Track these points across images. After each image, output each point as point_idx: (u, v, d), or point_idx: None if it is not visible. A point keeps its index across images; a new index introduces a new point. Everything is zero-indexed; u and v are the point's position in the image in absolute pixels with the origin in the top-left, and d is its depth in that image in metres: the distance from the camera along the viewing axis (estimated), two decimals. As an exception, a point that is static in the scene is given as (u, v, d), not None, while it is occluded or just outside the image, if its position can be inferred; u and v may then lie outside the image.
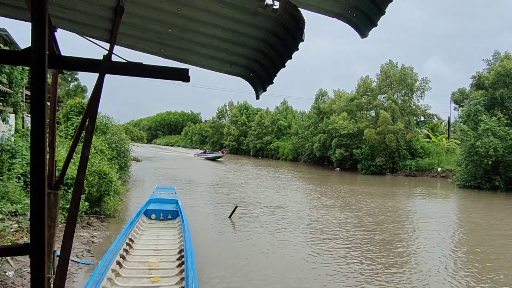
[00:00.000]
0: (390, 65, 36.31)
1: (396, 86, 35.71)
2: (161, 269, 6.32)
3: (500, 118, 23.70)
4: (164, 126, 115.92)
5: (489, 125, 23.13)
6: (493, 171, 23.94)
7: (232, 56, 3.10)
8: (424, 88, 35.72)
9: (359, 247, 9.94)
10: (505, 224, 13.85)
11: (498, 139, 22.79)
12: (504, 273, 8.22)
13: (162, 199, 11.05)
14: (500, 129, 23.19)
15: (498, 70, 24.86)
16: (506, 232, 12.54)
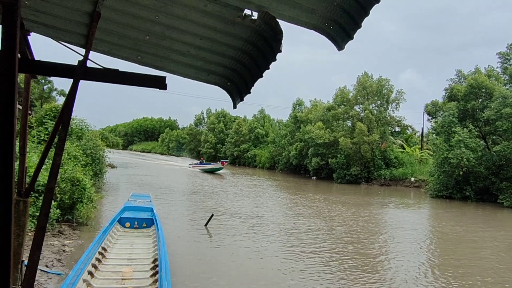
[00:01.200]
0: (365, 76, 37.01)
1: (372, 97, 36.38)
2: (135, 279, 6.18)
3: (472, 130, 24.43)
4: (141, 132, 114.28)
5: (461, 136, 23.81)
6: (464, 181, 24.61)
7: (210, 65, 3.10)
8: (399, 100, 36.53)
9: (332, 256, 10.01)
10: (475, 233, 14.21)
11: (469, 151, 23.47)
12: (470, 279, 8.42)
13: (137, 207, 10.85)
14: (472, 140, 23.91)
15: (470, 83, 25.67)
16: (475, 240, 12.87)
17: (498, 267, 9.80)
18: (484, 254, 11.20)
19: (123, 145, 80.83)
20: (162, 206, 15.53)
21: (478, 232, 14.39)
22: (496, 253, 11.48)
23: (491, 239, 13.32)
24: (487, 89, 25.07)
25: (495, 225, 16.52)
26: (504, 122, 22.82)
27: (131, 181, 26.55)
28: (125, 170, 35.12)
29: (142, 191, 18.42)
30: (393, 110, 37.48)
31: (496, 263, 10.30)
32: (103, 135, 31.13)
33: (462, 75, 28.25)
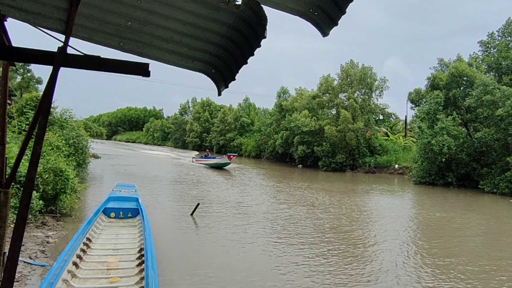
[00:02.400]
0: (351, 64, 37.16)
1: (356, 85, 36.58)
2: (120, 269, 6.14)
3: (455, 118, 24.82)
4: (125, 122, 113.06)
5: (445, 124, 24.18)
6: (446, 168, 25.08)
7: (194, 52, 3.04)
8: (383, 87, 36.84)
9: (318, 244, 10.12)
10: (457, 218, 14.52)
11: (451, 138, 23.88)
12: (452, 261, 8.62)
13: (122, 197, 10.75)
14: (454, 128, 24.30)
15: (452, 72, 25.98)
16: (457, 225, 13.16)
17: (478, 249, 10.07)
18: (465, 238, 11.47)
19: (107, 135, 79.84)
20: (148, 196, 15.44)
21: (460, 217, 14.70)
22: (477, 236, 11.78)
23: (472, 224, 13.64)
24: (468, 77, 25.42)
25: (476, 210, 16.90)
26: (484, 109, 23.22)
27: (115, 171, 26.30)
28: (109, 160, 34.74)
29: (127, 181, 18.28)
30: (377, 98, 37.86)
31: (476, 245, 10.60)
32: (87, 125, 30.66)
33: (444, 63, 28.60)
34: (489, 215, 15.82)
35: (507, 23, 25.87)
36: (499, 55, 25.57)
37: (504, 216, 15.72)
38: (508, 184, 21.13)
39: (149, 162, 37.23)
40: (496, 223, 14.08)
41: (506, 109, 21.35)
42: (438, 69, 28.91)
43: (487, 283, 7.55)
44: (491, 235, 12.04)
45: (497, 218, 15.03)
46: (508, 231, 12.87)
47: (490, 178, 22.76)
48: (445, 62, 28.59)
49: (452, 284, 7.39)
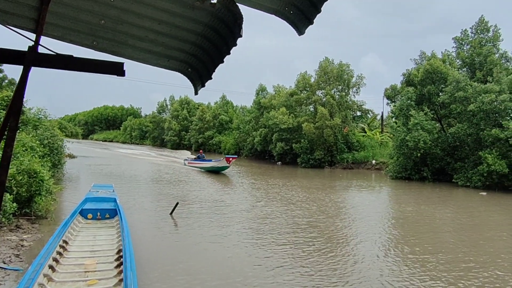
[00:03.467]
0: (326, 61, 37.49)
1: (333, 82, 36.94)
2: (98, 271, 6.05)
3: (427, 113, 25.36)
4: (102, 121, 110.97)
5: (418, 119, 24.70)
6: (422, 163, 25.66)
7: (170, 51, 3.01)
8: (360, 84, 37.33)
9: (296, 240, 10.20)
10: (432, 211, 14.87)
11: (426, 133, 24.43)
12: (427, 252, 8.84)
13: (99, 198, 10.59)
14: (428, 123, 24.86)
15: (426, 68, 26.54)
16: (432, 219, 13.48)
17: (451, 241, 10.34)
18: (440, 231, 11.76)
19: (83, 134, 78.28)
20: (126, 196, 15.25)
21: (435, 211, 15.06)
22: (450, 229, 12.10)
23: (446, 217, 14.01)
24: (442, 74, 26.00)
25: (450, 203, 17.34)
26: (457, 105, 23.83)
27: (92, 171, 25.85)
28: (86, 160, 34.11)
29: (104, 182, 17.99)
30: (354, 95, 38.30)
31: (450, 237, 10.89)
32: (61, 124, 29.98)
33: (424, 57, 29.12)
34: (462, 208, 16.26)
35: (480, 20, 26.52)
36: (472, 52, 26.24)
37: (476, 209, 16.18)
38: (480, 178, 21.75)
39: (127, 161, 36.72)
40: (469, 216, 14.48)
41: (477, 104, 21.96)
42: (418, 62, 29.46)
43: (461, 273, 7.77)
44: (464, 228, 12.38)
45: (470, 211, 15.46)
46: (480, 223, 13.26)
47: (464, 172, 23.39)
48: (427, 55, 29.11)
49: (428, 273, 7.58)
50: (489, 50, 25.43)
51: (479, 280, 7.47)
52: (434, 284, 7.19)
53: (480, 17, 26.57)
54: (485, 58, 25.46)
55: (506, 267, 8.30)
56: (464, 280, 7.43)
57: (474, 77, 25.14)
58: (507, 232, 11.75)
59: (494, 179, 21.22)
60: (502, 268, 8.21)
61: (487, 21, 26.45)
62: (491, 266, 8.32)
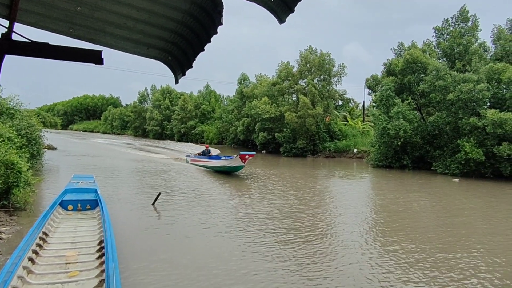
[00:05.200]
0: (310, 50, 37.52)
1: (315, 71, 37.03)
2: (80, 263, 5.99)
3: (410, 102, 25.73)
4: (82, 111, 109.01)
5: (401, 108, 25.04)
6: (402, 151, 26.10)
7: (149, 38, 2.96)
8: (341, 74, 37.50)
9: (279, 228, 10.29)
10: (412, 198, 15.18)
11: (407, 122, 24.80)
12: (407, 237, 9.04)
13: (79, 189, 10.44)
14: (410, 112, 25.23)
15: (407, 58, 26.83)
16: (411, 205, 13.77)
17: (430, 225, 10.59)
18: (419, 217, 12.02)
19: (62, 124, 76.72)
20: (107, 187, 15.08)
21: (414, 197, 15.38)
22: (429, 214, 12.38)
23: (426, 203, 14.32)
24: (422, 64, 26.34)
25: (429, 190, 17.71)
26: (437, 94, 24.22)
27: (72, 162, 25.41)
28: (65, 151, 33.50)
29: (84, 172, 17.74)
30: (336, 84, 38.50)
31: (429, 222, 11.16)
32: (39, 114, 29.29)
33: (403, 48, 29.47)
34: (440, 195, 16.62)
35: (461, 10, 26.84)
36: (452, 42, 26.61)
37: (452, 196, 16.57)
38: (458, 165, 22.26)
39: (108, 152, 36.23)
40: (446, 202, 14.83)
41: (456, 93, 22.35)
42: (397, 52, 29.77)
43: (438, 254, 7.98)
44: (442, 213, 12.68)
45: (447, 198, 15.83)
46: (456, 209, 13.60)
47: (442, 160, 23.90)
48: (405, 46, 29.44)
49: (407, 255, 7.76)
50: (469, 40, 25.85)
51: (454, 260, 7.69)
52: (413, 267, 7.37)
53: (462, 7, 26.89)
54: (464, 48, 25.88)
55: (476, 247, 8.57)
56: (441, 261, 7.64)
57: (454, 67, 25.56)
58: (481, 216, 12.09)
59: (471, 167, 21.74)
60: (473, 248, 8.47)
61: (467, 11, 26.79)
62: (464, 247, 8.57)
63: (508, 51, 25.10)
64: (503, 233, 10.33)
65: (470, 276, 7.10)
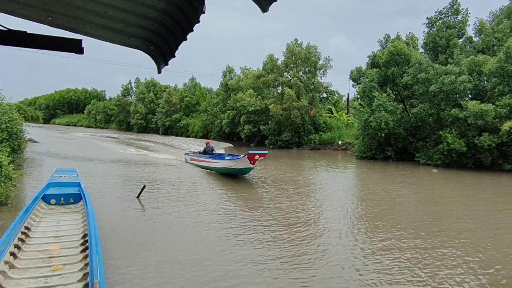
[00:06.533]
0: (295, 43, 37.55)
1: (301, 63, 37.11)
2: (63, 256, 5.94)
3: (390, 94, 25.99)
4: (64, 105, 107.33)
5: (381, 100, 25.28)
6: (386, 143, 26.42)
7: (131, 28, 2.92)
8: (326, 66, 37.67)
9: (263, 218, 10.35)
10: (395, 188, 15.41)
11: (388, 114, 25.07)
12: (391, 224, 9.20)
13: (62, 183, 10.31)
14: (390, 104, 25.50)
15: (390, 50, 27.06)
16: (396, 194, 13.98)
17: (413, 214, 10.77)
18: (404, 206, 12.21)
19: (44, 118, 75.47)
20: (91, 180, 14.92)
21: (398, 188, 15.61)
22: (413, 203, 12.59)
23: (409, 193, 14.54)
24: (405, 56, 26.60)
25: (412, 181, 17.98)
26: (420, 86, 24.51)
27: (54, 156, 25.02)
28: (48, 145, 32.97)
29: (67, 166, 17.49)
30: (321, 77, 38.67)
31: (412, 211, 11.35)
32: (21, 108, 28.76)
33: (390, 40, 29.68)
34: (422, 185, 16.88)
35: (453, 2, 27.03)
36: (436, 35, 26.91)
37: (433, 186, 16.87)
38: (440, 156, 22.64)
39: (91, 146, 35.78)
40: (429, 191, 15.09)
41: (438, 85, 22.67)
42: (383, 44, 29.98)
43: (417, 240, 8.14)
44: (424, 202, 12.91)
45: (429, 188, 16.11)
46: (438, 198, 13.86)
47: (425, 151, 24.28)
48: (391, 38, 29.65)
49: (392, 241, 7.90)
50: (452, 33, 26.18)
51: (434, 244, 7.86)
52: (396, 253, 7.50)
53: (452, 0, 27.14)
54: (447, 41, 26.22)
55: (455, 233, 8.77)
56: (420, 248, 7.80)
57: (437, 60, 25.91)
58: (461, 204, 12.35)
59: (453, 157, 22.14)
60: (452, 233, 8.66)
61: (459, 3, 27.06)
62: (443, 232, 8.76)
63: (489, 44, 25.53)
64: (485, 221, 10.57)
65: (451, 262, 7.27)
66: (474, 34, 27.65)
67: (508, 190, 16.01)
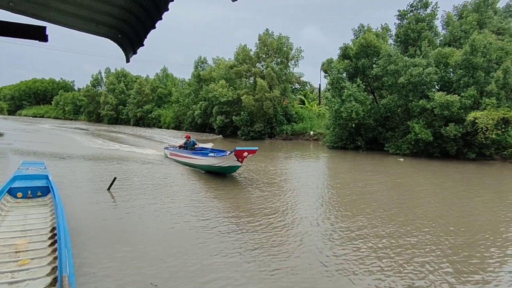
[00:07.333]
0: (267, 33, 37.51)
1: (273, 54, 37.14)
2: (31, 251, 5.80)
3: (360, 85, 26.43)
4: (31, 96, 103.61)
5: (351, 90, 25.70)
6: (356, 133, 26.92)
7: (97, 15, 2.84)
8: (298, 57, 37.86)
9: (236, 209, 10.40)
10: (366, 177, 15.76)
11: (359, 104, 25.52)
12: (360, 210, 9.43)
13: (29, 175, 10.02)
14: (360, 94, 25.95)
15: (361, 42, 27.45)
16: (365, 183, 14.31)
17: (386, 202, 11.07)
18: (375, 194, 12.52)
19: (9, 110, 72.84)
20: (60, 173, 14.55)
21: (369, 176, 15.97)
22: (384, 191, 12.92)
23: (380, 181, 14.91)
24: (375, 48, 27.05)
25: (382, 169, 18.43)
26: (389, 78, 25.03)
27: (21, 148, 24.21)
28: (13, 137, 31.85)
29: (35, 159, 16.99)
30: (293, 67, 38.85)
31: (384, 199, 11.67)
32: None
33: (363, 30, 29.99)
34: (391, 173, 17.35)
35: None
36: (407, 28, 27.42)
37: (400, 173, 17.36)
38: (408, 146, 23.29)
39: (60, 138, 34.81)
40: (397, 180, 15.53)
41: (407, 77, 23.21)
42: (357, 33, 30.27)
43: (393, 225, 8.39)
44: (395, 190, 13.28)
45: (398, 176, 16.57)
46: (405, 183, 14.28)
47: (394, 141, 24.90)
48: (364, 28, 29.96)
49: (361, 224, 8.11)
50: (423, 27, 26.77)
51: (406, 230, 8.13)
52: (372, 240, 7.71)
53: None
54: (418, 34, 26.80)
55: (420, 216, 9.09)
56: (394, 234, 8.04)
57: (407, 52, 26.46)
58: (429, 191, 12.79)
59: (420, 147, 22.81)
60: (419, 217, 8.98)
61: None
62: (415, 219, 9.07)
63: (456, 36, 26.27)
64: (453, 207, 10.97)
65: (425, 247, 7.54)
66: (442, 27, 28.39)
67: (472, 177, 16.65)
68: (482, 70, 21.85)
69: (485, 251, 7.51)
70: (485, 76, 21.81)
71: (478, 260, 7.06)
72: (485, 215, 10.20)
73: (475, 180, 16.06)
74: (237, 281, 6.05)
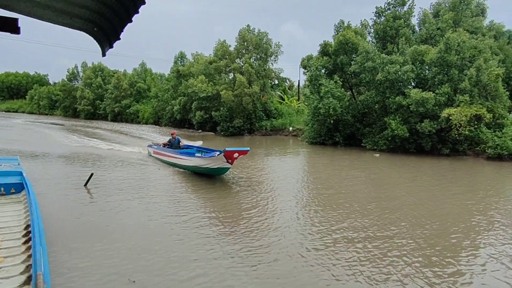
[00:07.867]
0: (247, 29, 37.42)
1: (252, 50, 37.10)
2: (4, 249, 5.66)
3: (337, 81, 26.67)
4: (3, 90, 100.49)
5: (328, 87, 25.92)
6: (334, 129, 27.20)
7: (72, 7, 2.79)
8: (277, 53, 37.89)
9: (214, 204, 10.40)
10: (344, 172, 15.98)
11: (336, 100, 25.77)
12: (338, 203, 9.58)
13: (2, 172, 9.75)
14: (338, 90, 26.19)
15: (340, 39, 27.68)
16: (344, 177, 14.51)
17: (359, 195, 11.27)
18: (353, 188, 12.71)
19: (-20, 104, 70.50)
20: (34, 170, 14.24)
21: (347, 171, 16.19)
22: (359, 185, 13.14)
23: (356, 176, 15.14)
24: (353, 45, 27.32)
25: (359, 165, 18.71)
26: (367, 75, 25.33)
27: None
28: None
29: (7, 155, 16.55)
30: (272, 63, 38.87)
31: (358, 192, 11.87)
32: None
33: (343, 26, 30.16)
34: (368, 168, 17.64)
35: None
36: (385, 25, 27.73)
37: (376, 169, 17.68)
38: (385, 142, 23.67)
39: (35, 134, 33.97)
40: (372, 174, 15.81)
41: (384, 74, 23.55)
42: (337, 29, 30.39)
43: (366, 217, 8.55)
44: (372, 185, 13.52)
45: (374, 171, 16.86)
46: (382, 178, 14.56)
47: (371, 137, 25.26)
48: (345, 25, 30.12)
49: (340, 217, 8.24)
50: (401, 24, 27.14)
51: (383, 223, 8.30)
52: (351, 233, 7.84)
53: None
54: (396, 31, 27.17)
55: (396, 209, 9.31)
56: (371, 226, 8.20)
57: (386, 49, 26.81)
58: (405, 186, 13.08)
59: (397, 143, 23.22)
60: (395, 210, 9.19)
61: None
62: (386, 211, 9.27)
63: (432, 33, 26.77)
64: (427, 201, 11.25)
65: (401, 240, 7.71)
66: (418, 25, 28.86)
67: (446, 172, 17.06)
68: (456, 68, 22.36)
69: (458, 243, 7.75)
70: (459, 73, 22.33)
71: (452, 253, 7.27)
72: (458, 209, 10.50)
73: (448, 175, 16.47)
74: (218, 277, 6.07)
